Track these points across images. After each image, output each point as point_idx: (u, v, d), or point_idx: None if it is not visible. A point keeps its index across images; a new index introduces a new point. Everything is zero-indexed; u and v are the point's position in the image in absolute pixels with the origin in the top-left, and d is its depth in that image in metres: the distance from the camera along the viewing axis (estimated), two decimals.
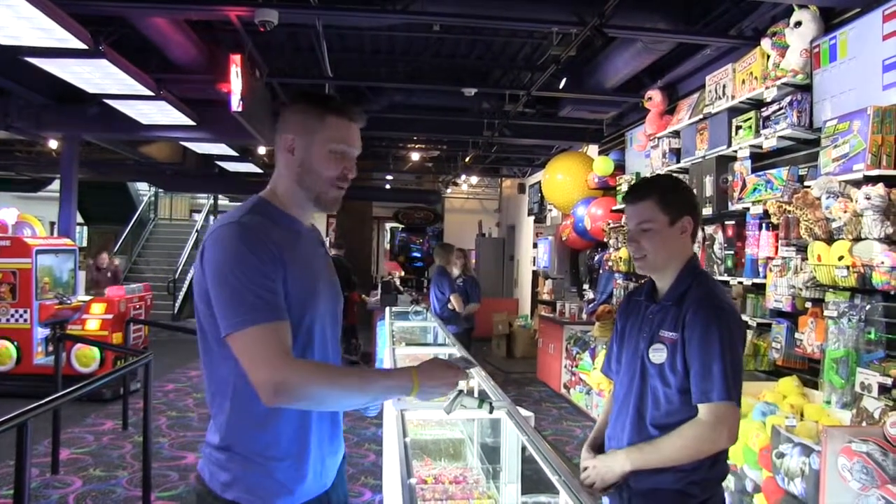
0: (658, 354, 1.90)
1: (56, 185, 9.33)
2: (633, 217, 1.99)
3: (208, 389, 1.60)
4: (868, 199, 3.24)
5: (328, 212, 1.69)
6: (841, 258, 3.43)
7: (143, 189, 17.34)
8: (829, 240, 3.60)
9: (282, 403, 1.45)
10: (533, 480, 2.36)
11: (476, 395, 2.99)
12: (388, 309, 6.45)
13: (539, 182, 10.30)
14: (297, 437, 1.58)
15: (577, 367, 7.11)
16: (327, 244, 1.86)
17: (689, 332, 1.84)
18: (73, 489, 4.47)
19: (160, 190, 16.82)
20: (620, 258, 6.77)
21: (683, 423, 1.86)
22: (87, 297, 7.77)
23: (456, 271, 7.15)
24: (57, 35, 4.70)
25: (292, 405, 1.48)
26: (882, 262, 3.18)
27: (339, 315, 1.78)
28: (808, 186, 3.84)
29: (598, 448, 2.13)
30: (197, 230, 16.34)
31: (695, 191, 5.27)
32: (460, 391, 1.77)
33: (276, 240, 1.53)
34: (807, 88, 4.19)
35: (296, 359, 1.49)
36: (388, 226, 20.15)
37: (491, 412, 1.83)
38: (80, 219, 17.02)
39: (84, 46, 4.97)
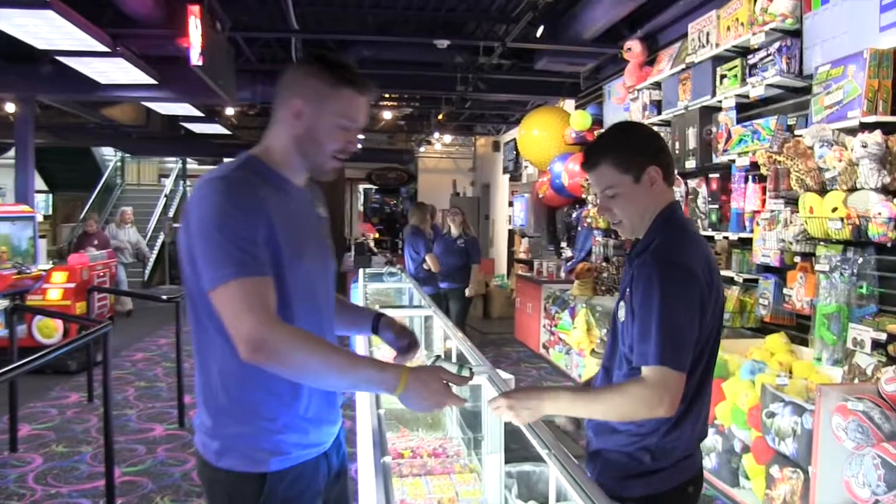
0: (621, 312, 1.76)
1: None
2: (595, 184, 1.81)
3: (196, 356, 1.57)
4: (864, 146, 3.09)
5: (322, 180, 1.61)
6: (835, 210, 3.28)
7: (108, 154, 16.77)
8: (822, 191, 3.45)
9: (258, 362, 1.39)
10: (516, 449, 2.22)
11: (455, 359, 2.82)
12: (361, 270, 6.27)
13: (514, 139, 10.07)
14: (289, 396, 1.53)
15: (556, 326, 7.00)
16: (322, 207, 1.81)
17: (635, 286, 1.69)
18: (33, 467, 4.26)
19: (126, 155, 16.30)
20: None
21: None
22: (48, 266, 7.45)
23: (455, 231, 7.00)
24: None
25: (268, 366, 1.40)
26: (879, 213, 3.04)
27: (329, 280, 1.71)
28: (799, 136, 3.68)
29: None
30: (166, 195, 15.88)
31: (677, 144, 5.11)
32: (437, 356, 1.62)
33: (263, 196, 1.49)
34: (796, 33, 4.00)
35: (282, 321, 1.43)
36: (360, 187, 19.84)
37: (471, 377, 1.66)
38: (45, 186, 16.57)
39: None
